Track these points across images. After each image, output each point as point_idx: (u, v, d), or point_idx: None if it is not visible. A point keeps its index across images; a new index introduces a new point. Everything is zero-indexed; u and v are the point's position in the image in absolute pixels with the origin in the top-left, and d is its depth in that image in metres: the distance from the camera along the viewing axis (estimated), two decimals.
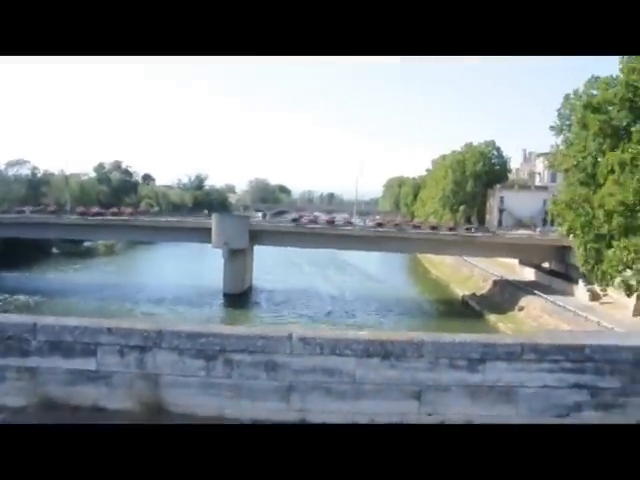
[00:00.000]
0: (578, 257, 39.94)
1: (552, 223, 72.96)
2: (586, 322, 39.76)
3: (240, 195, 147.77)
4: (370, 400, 5.76)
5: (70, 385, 5.71)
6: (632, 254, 30.97)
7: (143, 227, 56.37)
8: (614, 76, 34.81)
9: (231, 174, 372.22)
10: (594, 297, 46.22)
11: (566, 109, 38.47)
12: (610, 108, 34.27)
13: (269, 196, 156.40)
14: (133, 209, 68.58)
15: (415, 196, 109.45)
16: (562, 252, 54.03)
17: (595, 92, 35.96)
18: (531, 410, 5.92)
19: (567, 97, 38.15)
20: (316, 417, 5.70)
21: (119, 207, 67.06)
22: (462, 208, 78.69)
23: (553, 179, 76.21)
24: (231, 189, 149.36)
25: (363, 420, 5.76)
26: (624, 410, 6.01)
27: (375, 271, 72.04)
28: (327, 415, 5.70)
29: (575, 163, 38.12)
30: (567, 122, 38.42)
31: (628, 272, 32.56)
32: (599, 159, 35.91)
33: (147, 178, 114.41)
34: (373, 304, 51.92)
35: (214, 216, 51.96)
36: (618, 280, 33.51)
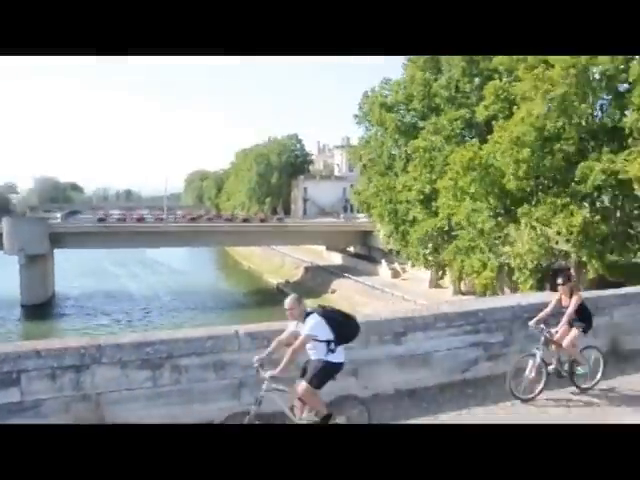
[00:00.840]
0: (384, 240, 44.03)
1: (352, 210, 79.55)
2: (393, 297, 44.28)
3: (24, 195, 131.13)
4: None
5: None
6: (426, 234, 35.54)
7: None
8: (401, 78, 39.38)
9: (11, 172, 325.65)
10: (395, 275, 51.89)
11: (365, 105, 42.17)
12: (402, 109, 38.59)
13: (59, 195, 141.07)
14: None
15: (219, 189, 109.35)
16: (365, 236, 59.07)
17: (387, 92, 40.11)
18: (443, 370, 6.86)
19: (365, 94, 41.85)
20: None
21: None
22: (268, 199, 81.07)
23: (350, 169, 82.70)
24: (12, 189, 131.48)
25: None
26: (506, 358, 7.31)
27: (186, 267, 70.63)
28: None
29: (373, 157, 42.04)
30: (367, 117, 42.12)
31: (427, 250, 37.23)
32: (394, 152, 40.24)
33: None
34: (190, 301, 50.97)
35: (5, 220, 45.51)
36: (422, 257, 38.07)
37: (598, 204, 26.68)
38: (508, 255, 28.46)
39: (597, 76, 26.10)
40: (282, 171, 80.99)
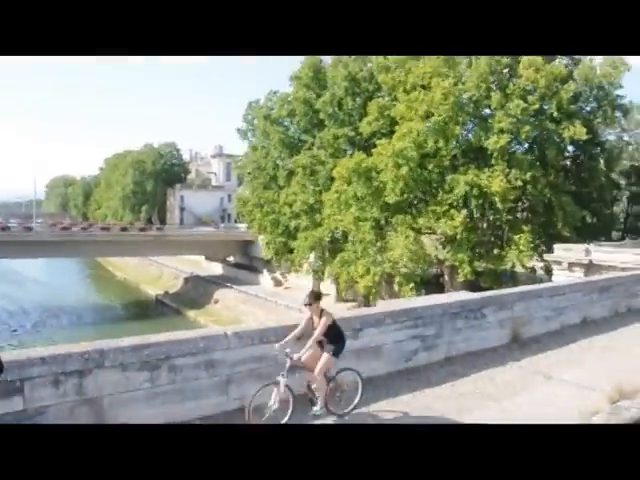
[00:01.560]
0: (265, 250, 44.79)
1: (229, 219, 79.30)
2: (277, 306, 45.11)
3: None
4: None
5: None
6: (312, 243, 36.95)
7: None
8: (285, 93, 40.67)
9: None
10: (277, 283, 52.84)
11: (249, 116, 42.79)
12: (287, 122, 39.82)
13: None
14: None
15: (87, 197, 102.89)
16: (246, 246, 59.35)
17: (272, 105, 41.13)
18: (390, 360, 7.86)
19: (250, 105, 42.49)
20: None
21: None
22: (144, 208, 78.12)
23: (228, 178, 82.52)
24: None
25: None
26: (438, 348, 8.53)
27: (53, 279, 65.72)
28: None
29: (258, 167, 42.79)
30: (251, 127, 42.75)
31: (311, 259, 38.64)
32: (279, 163, 41.33)
33: None
34: (64, 317, 47.73)
35: None
36: (306, 266, 39.36)
37: (467, 212, 29.78)
38: (388, 261, 30.66)
39: (465, 101, 29.34)
40: (158, 179, 78.57)
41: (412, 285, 29.81)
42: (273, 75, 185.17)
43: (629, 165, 34.65)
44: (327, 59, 38.43)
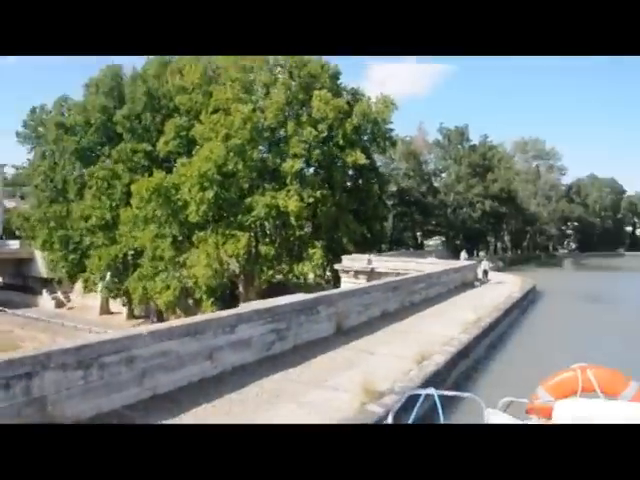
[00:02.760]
0: (52, 269, 41.60)
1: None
2: (63, 328, 42.18)
3: None
4: (187, 367, 8.10)
5: None
6: (107, 262, 35.69)
7: None
8: (81, 101, 38.67)
9: None
10: (59, 304, 49.19)
11: (32, 121, 39.49)
12: (81, 131, 37.82)
13: None
14: None
15: None
16: (19, 265, 53.74)
17: (65, 111, 38.69)
18: (256, 350, 9.69)
19: (34, 110, 39.24)
20: (162, 389, 7.57)
21: None
22: None
23: None
24: None
25: (183, 383, 8.01)
26: (288, 338, 10.61)
27: None
28: (168, 387, 7.68)
29: (45, 179, 39.76)
30: (34, 134, 39.48)
31: (107, 278, 37.24)
32: (69, 176, 39.02)
33: None
34: None
35: None
36: (101, 285, 37.76)
37: (267, 230, 32.57)
38: (187, 277, 31.50)
39: (264, 127, 32.18)
40: None
41: (212, 300, 30.90)
42: (35, 78, 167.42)
43: (395, 189, 41.69)
44: (127, 70, 37.87)
